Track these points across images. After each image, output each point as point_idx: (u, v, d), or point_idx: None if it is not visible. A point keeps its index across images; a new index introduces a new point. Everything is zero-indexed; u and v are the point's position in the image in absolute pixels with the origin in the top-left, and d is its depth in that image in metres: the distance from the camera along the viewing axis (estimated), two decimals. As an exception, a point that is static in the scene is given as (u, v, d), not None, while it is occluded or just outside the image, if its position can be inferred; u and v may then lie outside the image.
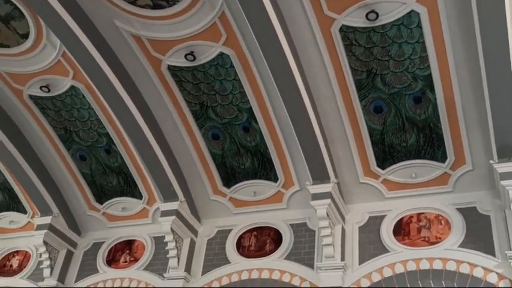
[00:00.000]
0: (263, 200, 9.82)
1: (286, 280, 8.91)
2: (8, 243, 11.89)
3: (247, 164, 9.62)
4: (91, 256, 10.95)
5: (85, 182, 10.80)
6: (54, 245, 10.80)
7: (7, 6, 8.12)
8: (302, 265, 8.97)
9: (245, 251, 9.64)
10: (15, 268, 11.50)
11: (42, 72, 9.18)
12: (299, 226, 9.48)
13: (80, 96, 9.45)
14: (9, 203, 11.53)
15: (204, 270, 9.71)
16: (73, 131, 10.10)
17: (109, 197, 10.86)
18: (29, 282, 11.02)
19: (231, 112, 9.06)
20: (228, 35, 8.05)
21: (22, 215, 11.59)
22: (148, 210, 10.70)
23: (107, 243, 10.95)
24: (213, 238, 10.11)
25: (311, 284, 8.68)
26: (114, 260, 10.72)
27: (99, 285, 10.41)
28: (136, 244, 10.76)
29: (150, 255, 10.39)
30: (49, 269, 10.68)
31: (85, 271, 10.78)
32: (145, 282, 10.02)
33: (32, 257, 11.42)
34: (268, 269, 9.14)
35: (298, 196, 9.53)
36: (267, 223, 9.75)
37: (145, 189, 10.49)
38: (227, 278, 9.41)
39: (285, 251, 9.26)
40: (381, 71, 7.93)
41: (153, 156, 9.42)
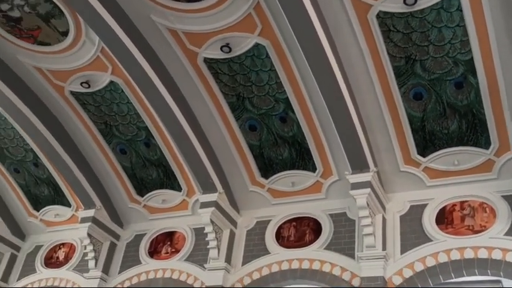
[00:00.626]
0: (301, 191, 9.78)
1: (327, 270, 8.87)
2: (54, 235, 12.27)
3: (285, 154, 9.59)
4: (134, 248, 11.17)
5: (126, 175, 11.00)
6: (98, 237, 11.07)
7: (47, 5, 8.31)
8: (343, 255, 8.92)
9: (284, 242, 9.65)
10: (62, 260, 11.86)
11: (82, 68, 9.37)
12: (339, 216, 9.41)
13: (119, 91, 9.60)
14: (54, 197, 11.87)
15: (244, 261, 9.78)
16: (113, 125, 10.29)
17: (149, 189, 11.03)
18: (75, 273, 11.35)
19: (267, 103, 9.04)
20: (263, 26, 8.01)
21: (67, 209, 11.92)
22: (188, 202, 10.82)
23: (149, 235, 11.14)
24: (252, 229, 10.16)
25: (352, 274, 8.63)
26: (156, 252, 10.91)
27: (142, 276, 10.63)
28: (177, 235, 10.91)
29: (191, 247, 10.52)
30: (94, 261, 10.95)
31: (128, 262, 11.01)
32: (187, 273, 10.16)
33: (77, 249, 11.75)
34: (309, 259, 9.12)
35: (337, 186, 9.46)
36: (306, 213, 9.72)
37: (184, 181, 10.60)
38: (267, 268, 9.44)
39: (325, 241, 9.21)
40: (421, 56, 7.75)
41: (191, 148, 9.51)
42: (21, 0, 8.30)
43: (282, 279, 9.26)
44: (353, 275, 8.61)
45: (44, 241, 12.30)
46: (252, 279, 9.49)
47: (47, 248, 12.17)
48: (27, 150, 11.19)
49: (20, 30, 8.88)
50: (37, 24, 8.69)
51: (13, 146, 11.21)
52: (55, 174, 11.40)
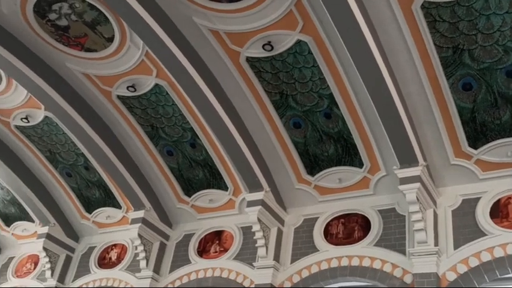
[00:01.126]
0: (349, 187, 9.67)
1: (378, 267, 8.74)
2: (106, 237, 12.60)
3: (331, 150, 9.51)
4: (183, 247, 11.33)
5: (173, 176, 11.16)
6: (148, 237, 11.28)
7: (93, 12, 8.54)
8: (393, 251, 8.76)
9: (333, 239, 9.56)
10: (114, 260, 12.16)
11: (128, 72, 9.57)
12: (388, 212, 9.24)
13: (164, 94, 9.75)
14: (105, 199, 12.19)
15: (293, 259, 9.75)
16: (159, 128, 10.46)
17: (196, 189, 11.16)
18: (127, 273, 11.61)
19: (311, 99, 8.98)
20: (304, 22, 7.96)
21: (117, 210, 12.22)
22: (235, 201, 10.88)
23: (197, 234, 11.27)
24: (300, 227, 10.11)
25: (404, 271, 8.47)
26: (205, 251, 11.02)
27: (192, 276, 10.76)
28: (225, 234, 10.99)
29: (239, 245, 10.58)
30: (145, 261, 11.16)
31: (178, 262, 11.17)
32: (236, 272, 10.22)
33: (129, 249, 12.02)
34: (358, 256, 9.01)
35: (386, 181, 9.29)
36: (354, 210, 9.60)
37: (230, 181, 10.67)
38: (316, 266, 9.38)
39: (375, 237, 9.07)
40: (469, 46, 7.51)
41: (236, 147, 9.56)
42: (69, 9, 8.56)
43: (331, 277, 9.17)
44: (405, 271, 8.45)
45: (97, 242, 12.65)
46: (301, 277, 9.44)
47: (100, 249, 12.51)
48: (78, 155, 11.53)
49: (68, 38, 9.14)
50: (84, 32, 8.94)
51: (65, 150, 11.58)
52: (105, 177, 11.70)
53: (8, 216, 13.50)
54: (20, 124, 11.24)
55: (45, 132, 11.32)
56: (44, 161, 11.88)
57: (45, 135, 11.38)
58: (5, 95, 10.65)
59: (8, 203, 13.19)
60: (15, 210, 13.24)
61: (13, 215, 13.39)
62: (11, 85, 10.41)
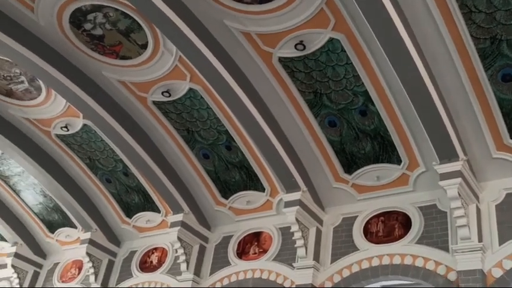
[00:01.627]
0: (387, 184, 9.54)
1: (420, 265, 8.59)
2: (146, 241, 12.78)
3: (368, 148, 9.40)
4: (222, 249, 11.39)
5: (210, 179, 11.24)
6: (188, 240, 11.39)
7: (126, 21, 8.69)
8: (436, 248, 8.60)
9: (373, 237, 9.44)
10: (155, 264, 12.33)
11: (162, 78, 9.69)
12: (429, 208, 9.08)
13: (199, 98, 9.84)
14: (144, 203, 12.38)
15: (333, 258, 9.68)
16: (195, 131, 10.55)
17: (233, 191, 11.21)
18: (168, 276, 11.75)
19: (346, 97, 8.90)
20: (336, 20, 7.90)
21: (156, 214, 12.38)
22: (272, 202, 10.88)
23: (236, 236, 11.31)
24: (339, 226, 10.03)
25: (447, 268, 8.29)
26: (244, 252, 11.06)
27: (232, 277, 10.81)
28: (264, 235, 11.00)
29: (278, 246, 10.56)
30: (185, 264, 11.28)
31: (217, 264, 11.24)
32: (276, 273, 10.21)
33: (169, 253, 12.16)
34: (400, 254, 8.87)
35: (425, 177, 9.13)
36: (394, 207, 9.46)
37: (267, 182, 10.67)
38: (357, 265, 9.28)
39: (416, 235, 8.92)
40: (507, 35, 7.30)
41: (272, 148, 9.55)
42: (103, 18, 8.74)
43: (373, 276, 9.07)
44: (449, 268, 8.27)
45: (138, 246, 12.86)
46: (342, 276, 9.37)
47: (141, 253, 12.70)
48: (117, 161, 11.75)
49: (103, 47, 9.33)
50: (118, 40, 9.10)
51: (104, 157, 11.82)
52: (144, 182, 11.88)
53: (52, 223, 13.88)
54: (60, 133, 11.53)
55: (84, 140, 11.58)
56: (85, 168, 12.16)
57: (84, 142, 11.64)
58: (45, 105, 10.95)
59: (52, 210, 13.56)
60: (58, 217, 13.60)
61: (56, 221, 13.76)
62: (50, 95, 10.69)
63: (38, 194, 13.31)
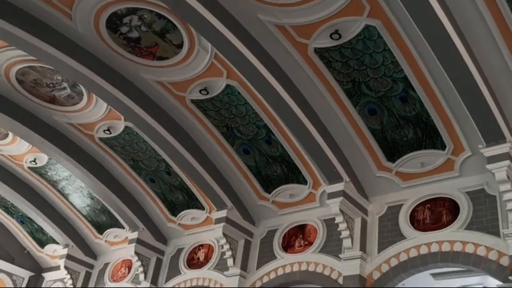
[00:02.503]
0: (432, 170, 9.35)
1: (470, 251, 8.39)
2: (192, 238, 12.97)
3: (410, 135, 9.23)
4: (267, 243, 11.44)
5: (252, 174, 11.28)
6: (233, 236, 11.49)
7: (161, 21, 8.79)
8: (486, 234, 8.38)
9: (420, 225, 9.28)
10: (202, 260, 12.49)
11: (199, 76, 9.76)
12: (477, 193, 8.86)
13: (236, 94, 9.87)
14: (188, 201, 12.55)
15: (380, 248, 9.57)
16: (234, 127, 10.60)
17: (275, 185, 11.22)
18: (216, 272, 11.89)
19: (385, 84, 8.76)
20: (371, 6, 7.75)
21: (201, 211, 12.53)
22: (315, 194, 10.83)
23: (281, 229, 11.33)
24: (384, 215, 9.90)
25: (500, 253, 8.07)
26: (289, 245, 11.06)
27: (279, 271, 10.83)
28: (308, 228, 10.97)
29: (323, 238, 10.52)
30: (232, 259, 11.38)
31: (264, 258, 11.30)
32: (322, 265, 10.17)
33: (215, 248, 12.29)
34: (449, 241, 8.69)
35: (471, 161, 8.91)
36: (440, 194, 9.27)
37: (309, 174, 10.63)
38: (405, 254, 9.14)
39: (465, 220, 8.72)
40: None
41: (312, 140, 9.50)
42: (138, 21, 8.87)
43: (421, 264, 8.92)
44: (501, 253, 8.05)
45: (185, 244, 13.05)
46: (390, 266, 9.25)
47: (188, 250, 12.89)
48: (159, 161, 11.93)
49: (140, 49, 9.47)
50: (154, 41, 9.22)
51: (146, 158, 12.03)
52: (186, 180, 12.03)
53: (100, 225, 14.26)
54: (103, 136, 11.79)
55: (127, 142, 11.81)
56: (128, 169, 12.41)
57: (127, 144, 11.87)
58: (87, 109, 11.21)
59: (99, 212, 13.92)
60: (106, 218, 13.95)
61: (104, 223, 14.12)
62: (91, 100, 10.94)
63: (85, 196, 13.69)
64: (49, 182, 13.71)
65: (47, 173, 13.47)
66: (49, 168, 13.28)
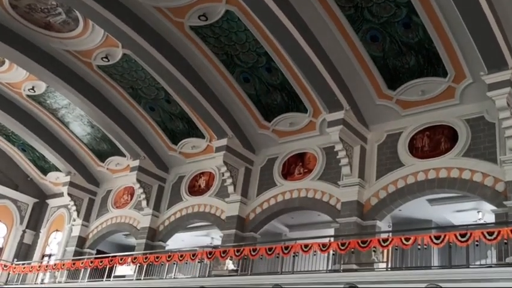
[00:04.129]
0: (433, 98, 9.33)
1: (467, 177, 8.53)
2: (193, 166, 13.15)
3: (411, 62, 9.12)
4: (267, 171, 11.61)
5: (252, 103, 11.25)
6: (233, 164, 11.64)
7: None
8: (483, 160, 8.50)
9: (419, 152, 9.39)
10: (203, 188, 12.72)
11: (198, 1, 9.50)
12: (476, 120, 8.90)
13: (236, 20, 9.65)
14: (188, 130, 12.61)
15: (378, 175, 9.73)
16: (234, 55, 10.44)
17: (275, 114, 11.22)
18: (217, 199, 12.13)
19: (388, 10, 8.53)
20: None
21: (201, 140, 12.62)
22: (315, 123, 10.86)
23: (280, 158, 11.47)
24: (383, 143, 10.00)
25: (495, 179, 8.21)
26: (289, 173, 11.23)
27: (278, 197, 11.05)
28: (308, 156, 11.10)
29: (323, 166, 10.67)
30: (232, 186, 11.58)
31: (264, 185, 11.50)
32: (321, 191, 10.37)
33: (216, 176, 12.49)
34: (446, 168, 8.82)
35: (472, 89, 8.86)
36: (440, 121, 9.31)
37: (309, 102, 10.60)
38: (402, 180, 9.30)
39: (463, 147, 8.81)
40: None
41: (313, 67, 9.37)
42: None
43: (418, 190, 9.11)
44: (496, 180, 8.20)
45: (186, 172, 13.26)
46: (388, 192, 9.44)
47: (189, 177, 13.10)
48: (158, 89, 11.87)
49: (136, -27, 9.16)
50: (151, -36, 8.91)
51: (145, 86, 11.96)
52: (186, 109, 12.02)
53: (102, 153, 14.42)
54: (101, 64, 11.66)
55: (125, 70, 11.69)
56: (128, 97, 12.37)
57: (125, 72, 11.76)
58: (83, 36, 11.02)
59: (100, 140, 14.01)
60: (107, 147, 14.07)
61: (106, 151, 14.27)
62: (88, 26, 10.73)
63: (85, 125, 13.75)
64: (49, 110, 13.72)
65: (46, 101, 13.46)
66: (48, 96, 13.24)
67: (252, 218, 11.31)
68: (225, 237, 11.29)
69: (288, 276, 8.71)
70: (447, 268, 7.34)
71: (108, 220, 14.39)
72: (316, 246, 8.60)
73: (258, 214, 11.26)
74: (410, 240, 7.60)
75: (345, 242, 8.33)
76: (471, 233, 7.12)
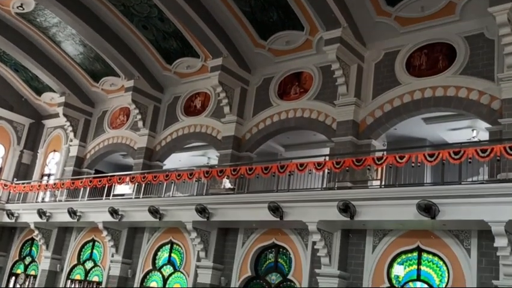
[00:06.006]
0: (433, 15, 9.09)
1: (463, 95, 8.49)
2: (189, 86, 13.04)
3: (411, -25, 8.81)
4: (263, 91, 11.54)
5: (247, 20, 10.96)
6: (229, 83, 11.53)
7: None
8: (480, 78, 8.42)
9: (416, 71, 9.28)
10: (199, 108, 12.69)
11: None
12: (475, 38, 8.72)
13: None
14: (183, 49, 12.35)
15: (375, 94, 9.68)
16: (226, -29, 10.06)
17: (271, 32, 10.96)
18: (212, 119, 12.14)
19: None
20: None
21: (196, 60, 12.41)
22: (311, 41, 10.64)
23: (277, 77, 11.35)
24: (381, 61, 9.85)
25: (491, 97, 8.18)
26: (285, 93, 11.16)
27: (274, 117, 11.05)
28: (304, 76, 10.98)
29: (319, 85, 10.58)
30: (228, 106, 11.55)
31: (259, 105, 11.47)
32: (317, 111, 10.35)
33: (212, 97, 12.43)
34: (443, 86, 8.76)
35: (473, 4, 8.62)
36: (439, 39, 9.12)
37: (306, 20, 10.33)
38: (399, 99, 9.26)
39: (461, 65, 8.71)
40: None
41: (310, -17, 9.08)
42: None
43: (414, 109, 9.09)
44: (493, 97, 8.16)
45: (181, 92, 13.18)
46: (384, 111, 9.43)
47: (185, 98, 13.04)
48: (151, 6, 11.49)
49: None
50: None
51: (138, 3, 11.58)
52: (180, 27, 11.71)
53: (95, 73, 14.24)
54: (90, -21, 11.25)
55: (116, -15, 11.30)
56: (119, 15, 12.01)
57: (116, -12, 11.37)
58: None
59: (93, 60, 13.79)
60: (100, 67, 13.87)
61: (99, 71, 14.08)
62: None
63: (77, 44, 13.46)
64: (39, 29, 13.39)
65: (36, 19, 13.09)
66: (37, 14, 12.87)
67: (248, 138, 11.38)
68: (222, 157, 11.42)
69: (284, 194, 8.89)
70: (439, 185, 7.46)
71: (105, 140, 14.48)
72: (312, 165, 8.70)
73: (254, 134, 11.32)
74: (404, 158, 7.70)
75: (340, 160, 8.45)
76: (464, 150, 7.20)
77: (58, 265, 13.18)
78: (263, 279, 9.71)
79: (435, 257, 7.75)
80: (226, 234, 10.30)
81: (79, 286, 12.73)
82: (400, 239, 8.07)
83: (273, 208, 8.61)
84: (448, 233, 7.58)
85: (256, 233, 9.84)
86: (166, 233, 11.35)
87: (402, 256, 8.07)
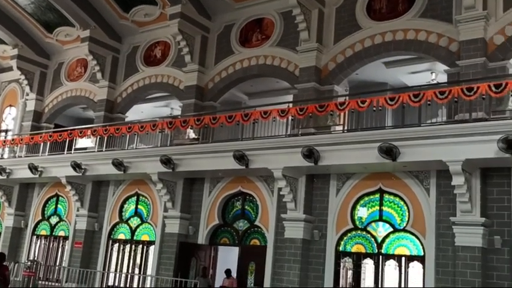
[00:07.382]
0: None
1: (423, 38, 8.56)
2: (147, 35, 12.70)
3: None
4: (225, 39, 11.34)
5: (204, -37, 10.64)
6: (189, 32, 11.27)
7: None
8: (439, 21, 8.48)
9: (376, 14, 9.26)
10: (160, 58, 12.41)
11: None
12: (435, -21, 8.74)
13: None
14: (139, -4, 11.96)
15: (336, 39, 9.64)
16: None
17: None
18: (174, 68, 11.93)
19: None
20: None
21: (154, 7, 12.01)
22: (272, -15, 10.46)
23: (238, 24, 11.16)
24: (342, 6, 9.77)
25: (450, 40, 8.28)
26: (247, 40, 11.00)
27: (237, 65, 10.94)
28: (265, 22, 10.82)
29: (281, 31, 10.47)
30: (189, 55, 11.32)
31: (221, 53, 11.29)
32: (280, 58, 10.29)
33: (172, 46, 12.15)
34: (403, 30, 8.80)
35: None
36: (399, -21, 9.11)
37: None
38: (360, 44, 9.27)
39: (420, 8, 8.73)
40: None
41: None
42: None
43: (375, 53, 9.13)
44: (451, 40, 8.26)
45: (140, 41, 12.84)
46: (345, 56, 9.44)
47: (144, 47, 12.72)
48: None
49: None
50: None
51: None
52: (137, -28, 11.31)
53: (49, 23, 13.64)
54: None
55: None
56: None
57: None
58: None
59: (46, 10, 13.16)
60: (54, 17, 13.27)
61: (53, 21, 13.49)
62: None
63: (28, -8, 12.85)
64: (-16, -24, 12.69)
65: (-20, -33, 12.39)
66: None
67: (211, 87, 11.27)
68: (185, 107, 11.32)
69: (249, 142, 8.95)
70: (400, 127, 7.64)
71: (63, 93, 14.10)
72: (276, 113, 8.73)
73: (217, 83, 11.20)
74: (365, 102, 7.81)
75: (304, 107, 8.51)
76: (424, 93, 7.34)
77: (22, 221, 13.07)
78: (231, 227, 9.90)
79: (397, 197, 8.03)
80: (193, 184, 10.36)
81: (45, 241, 12.69)
82: (363, 182, 8.31)
83: (238, 156, 8.67)
84: (409, 174, 7.83)
85: (223, 181, 9.93)
86: (131, 185, 11.33)
87: (365, 198, 8.33)
